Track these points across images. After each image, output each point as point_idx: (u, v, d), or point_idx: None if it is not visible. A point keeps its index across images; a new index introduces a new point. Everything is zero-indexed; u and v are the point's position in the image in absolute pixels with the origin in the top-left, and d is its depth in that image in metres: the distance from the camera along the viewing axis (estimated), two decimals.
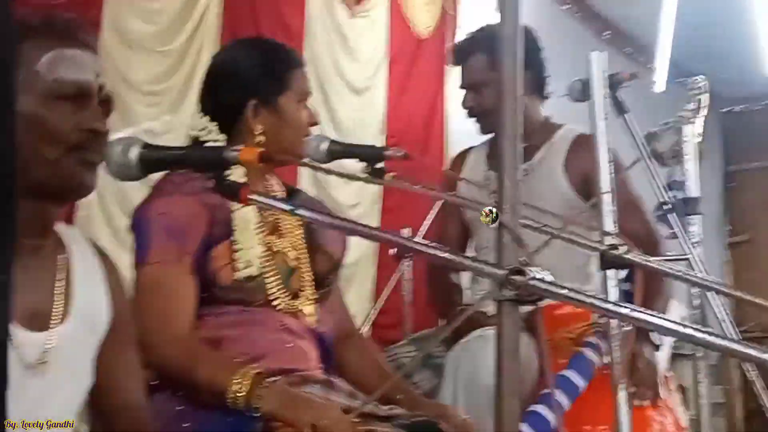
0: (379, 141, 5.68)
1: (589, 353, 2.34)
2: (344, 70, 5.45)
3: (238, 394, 1.72)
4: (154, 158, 1.33)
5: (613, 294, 1.66)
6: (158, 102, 4.26)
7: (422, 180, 2.00)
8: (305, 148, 2.09)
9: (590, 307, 1.11)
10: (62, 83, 1.35)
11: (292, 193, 2.21)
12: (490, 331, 2.43)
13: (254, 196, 1.26)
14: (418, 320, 3.97)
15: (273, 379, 1.79)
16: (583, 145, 2.68)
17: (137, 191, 3.15)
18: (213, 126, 2.01)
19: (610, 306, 1.10)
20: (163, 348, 1.80)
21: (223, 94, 2.07)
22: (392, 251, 3.61)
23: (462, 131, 4.34)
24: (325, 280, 2.11)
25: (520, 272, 1.11)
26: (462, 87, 2.83)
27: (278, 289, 1.95)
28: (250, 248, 1.88)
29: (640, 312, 1.07)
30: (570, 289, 1.12)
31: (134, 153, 1.33)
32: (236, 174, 1.92)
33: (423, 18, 6.07)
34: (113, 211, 4.07)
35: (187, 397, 1.83)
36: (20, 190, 1.30)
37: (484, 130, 2.84)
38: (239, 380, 1.72)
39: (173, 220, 1.85)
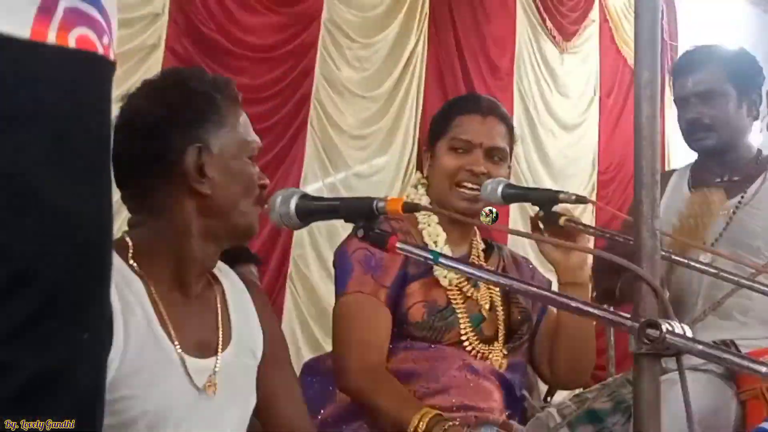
0: (591, 176, 5.59)
1: None
2: (554, 108, 5.42)
3: (416, 431, 1.77)
4: (309, 208, 1.40)
5: None
6: (366, 145, 4.42)
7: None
8: (454, 194, 2.06)
9: (726, 362, 1.05)
10: (253, 144, 1.52)
11: (489, 249, 2.20)
12: (675, 375, 2.30)
13: (401, 245, 1.29)
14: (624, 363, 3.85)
15: (452, 422, 1.81)
16: None
17: (346, 230, 3.31)
18: (418, 173, 2.14)
19: (743, 362, 1.03)
20: (355, 375, 1.86)
21: None
22: None
23: (685, 161, 4.17)
24: (518, 332, 2.10)
25: (654, 325, 1.07)
26: (684, 97, 2.58)
27: (468, 332, 1.98)
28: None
29: None
30: (706, 344, 1.07)
31: (293, 204, 1.41)
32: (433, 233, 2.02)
33: None
34: (325, 250, 4.27)
35: (371, 426, 1.90)
36: (204, 235, 1.45)
37: (706, 146, 2.60)
38: (419, 417, 1.77)
39: (371, 254, 1.92)
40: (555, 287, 2.21)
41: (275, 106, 4.15)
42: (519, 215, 4.89)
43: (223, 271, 1.59)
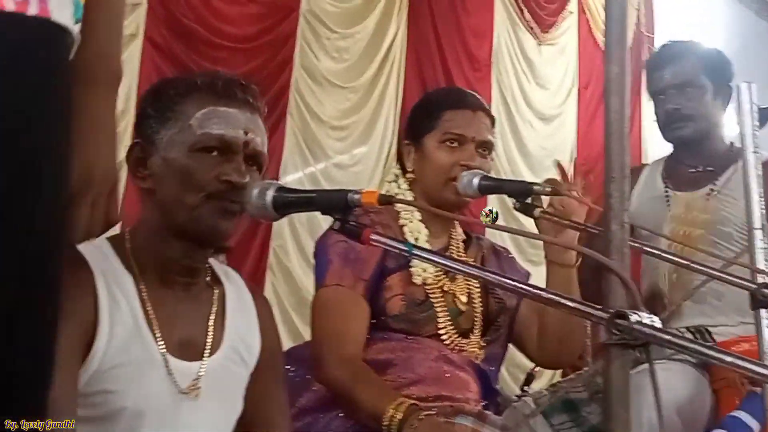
0: (569, 168, 5.62)
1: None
2: (532, 99, 5.44)
3: (393, 421, 1.78)
4: (285, 200, 1.41)
5: (767, 335, 1.58)
6: (346, 136, 4.43)
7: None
8: (449, 189, 2.08)
9: (694, 353, 1.08)
10: (208, 136, 1.45)
11: (469, 240, 2.23)
12: (656, 365, 2.33)
13: (375, 237, 1.31)
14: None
15: (428, 412, 1.83)
16: None
17: (326, 221, 3.31)
18: (397, 167, 2.16)
19: (710, 352, 1.06)
20: (332, 366, 1.87)
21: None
22: None
23: (661, 155, 4.21)
24: (495, 323, 2.13)
25: (623, 316, 1.09)
26: (662, 89, 2.63)
27: (446, 325, 2.01)
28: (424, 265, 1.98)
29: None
30: (674, 335, 1.10)
31: (269, 196, 1.42)
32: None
33: None
34: (305, 241, 4.28)
35: (348, 416, 1.92)
36: (166, 233, 1.44)
37: (684, 136, 2.65)
38: (395, 408, 1.79)
39: (350, 247, 1.92)
40: (533, 280, 2.24)
41: None
42: (498, 207, 4.92)
43: (229, 274, 1.58)
